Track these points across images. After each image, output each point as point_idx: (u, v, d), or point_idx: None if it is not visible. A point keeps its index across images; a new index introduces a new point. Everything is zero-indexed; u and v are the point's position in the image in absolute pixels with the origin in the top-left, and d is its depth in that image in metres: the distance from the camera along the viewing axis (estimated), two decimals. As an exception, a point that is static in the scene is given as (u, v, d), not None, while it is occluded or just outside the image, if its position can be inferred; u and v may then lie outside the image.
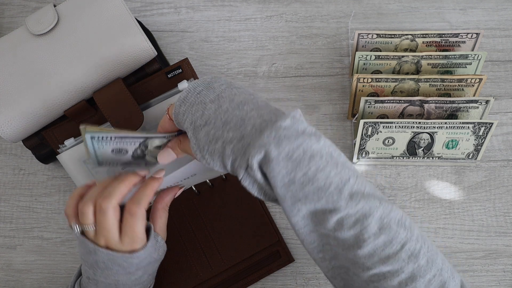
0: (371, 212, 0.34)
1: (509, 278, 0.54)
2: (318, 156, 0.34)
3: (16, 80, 0.48)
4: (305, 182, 0.33)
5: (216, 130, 0.35)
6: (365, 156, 0.55)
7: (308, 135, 0.34)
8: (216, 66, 0.61)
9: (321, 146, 0.34)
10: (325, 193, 0.33)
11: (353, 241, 0.34)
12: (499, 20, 0.61)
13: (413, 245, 0.35)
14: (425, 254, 0.35)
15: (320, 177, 0.33)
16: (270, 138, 0.33)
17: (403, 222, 0.35)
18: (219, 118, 0.35)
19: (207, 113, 0.35)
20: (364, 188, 0.35)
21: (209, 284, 0.53)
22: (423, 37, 0.55)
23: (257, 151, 0.33)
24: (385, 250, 0.34)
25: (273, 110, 0.36)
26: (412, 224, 0.36)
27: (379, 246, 0.34)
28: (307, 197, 0.34)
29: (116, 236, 0.39)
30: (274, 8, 0.62)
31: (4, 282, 0.55)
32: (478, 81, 0.53)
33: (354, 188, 0.34)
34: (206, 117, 0.35)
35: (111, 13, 0.49)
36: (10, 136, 0.50)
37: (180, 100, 0.37)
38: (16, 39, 0.50)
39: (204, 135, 0.35)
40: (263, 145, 0.33)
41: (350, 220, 0.34)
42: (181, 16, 0.62)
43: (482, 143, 0.53)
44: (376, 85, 0.54)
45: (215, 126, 0.35)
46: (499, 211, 0.56)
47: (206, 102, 0.36)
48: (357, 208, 0.34)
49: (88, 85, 0.49)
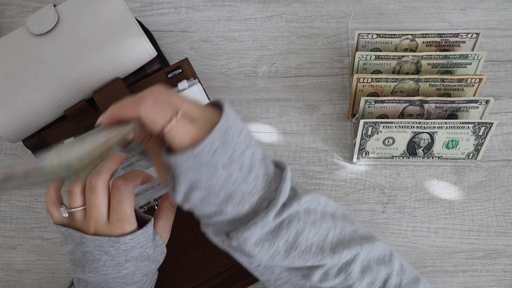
0: (353, 258, 0.37)
1: (509, 278, 0.54)
2: (296, 219, 0.35)
3: (16, 80, 0.48)
4: (288, 249, 0.35)
5: (214, 199, 0.34)
6: (365, 156, 0.55)
7: (290, 201, 0.35)
8: (216, 66, 0.61)
9: (298, 208, 0.36)
10: (310, 255, 0.36)
11: (340, 287, 0.37)
12: (499, 20, 0.61)
13: (394, 280, 0.38)
14: (406, 286, 0.38)
15: (301, 241, 0.35)
16: (258, 226, 0.34)
17: (383, 258, 0.39)
18: (224, 190, 0.33)
19: (214, 180, 0.32)
20: (344, 235, 0.38)
21: (209, 284, 0.53)
22: (423, 37, 0.55)
23: (243, 238, 0.34)
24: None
25: (266, 178, 0.36)
26: (393, 255, 0.40)
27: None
28: (293, 263, 0.36)
29: (105, 216, 0.37)
30: (274, 8, 0.62)
31: (4, 282, 0.55)
32: (478, 81, 0.53)
33: (335, 239, 0.37)
34: (210, 183, 0.33)
35: (111, 13, 0.49)
36: (10, 136, 0.50)
37: (190, 155, 0.31)
38: (16, 39, 0.50)
39: (199, 197, 0.34)
40: (252, 236, 0.34)
41: (334, 270, 0.36)
42: (181, 16, 0.62)
43: (482, 143, 0.53)
44: (376, 85, 0.54)
45: (218, 197, 0.33)
46: (499, 211, 0.56)
47: (218, 166, 0.32)
48: (340, 258, 0.36)
49: (88, 85, 0.49)
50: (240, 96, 0.60)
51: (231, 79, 0.60)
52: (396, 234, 0.56)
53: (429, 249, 0.55)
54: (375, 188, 0.57)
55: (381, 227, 0.56)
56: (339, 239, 0.37)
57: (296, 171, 0.57)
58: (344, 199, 0.56)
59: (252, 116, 0.59)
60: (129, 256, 0.38)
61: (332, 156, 0.58)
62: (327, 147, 0.58)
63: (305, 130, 0.58)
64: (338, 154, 0.58)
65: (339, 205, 0.41)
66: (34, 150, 0.53)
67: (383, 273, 0.38)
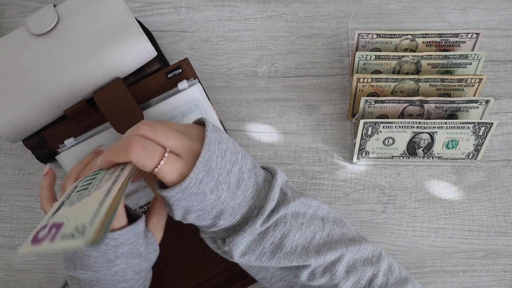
0: (338, 258, 0.39)
1: (509, 278, 0.54)
2: (282, 223, 0.38)
3: (16, 80, 0.48)
4: (274, 250, 0.38)
5: (208, 216, 0.37)
6: (365, 156, 0.55)
7: (278, 207, 0.38)
8: (216, 66, 0.61)
9: (285, 212, 0.39)
10: (295, 256, 0.39)
11: (328, 286, 0.40)
12: (499, 20, 0.61)
13: (379, 280, 0.40)
14: (393, 285, 0.40)
15: (286, 243, 0.38)
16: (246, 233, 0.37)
17: (370, 259, 0.41)
18: (216, 208, 0.37)
19: (205, 203, 0.36)
20: (331, 237, 0.40)
21: (209, 284, 0.53)
22: (423, 37, 0.55)
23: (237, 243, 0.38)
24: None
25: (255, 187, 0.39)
26: (381, 256, 0.42)
27: (350, 287, 0.40)
28: (279, 263, 0.39)
29: None
30: (274, 8, 0.62)
31: (4, 282, 0.56)
32: (478, 81, 0.53)
33: (321, 241, 0.39)
34: (202, 206, 0.36)
35: (111, 13, 0.49)
36: (10, 136, 0.50)
37: (178, 190, 0.34)
38: (16, 39, 0.50)
39: (194, 217, 0.37)
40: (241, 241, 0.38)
41: (320, 270, 0.39)
42: (181, 16, 0.62)
43: (482, 143, 0.53)
44: (376, 85, 0.54)
45: (211, 214, 0.37)
46: (499, 211, 0.56)
47: (206, 193, 0.35)
48: (325, 259, 0.39)
49: (88, 85, 0.49)
50: (240, 96, 0.60)
51: (231, 79, 0.60)
52: (396, 234, 0.56)
53: (429, 249, 0.55)
54: (375, 188, 0.57)
55: (381, 227, 0.56)
56: (326, 241, 0.40)
57: (296, 171, 0.57)
58: (344, 199, 0.56)
59: (252, 116, 0.59)
60: (119, 252, 0.38)
61: (332, 156, 0.58)
62: (327, 147, 0.58)
63: (305, 130, 0.58)
64: (338, 154, 0.58)
65: (333, 209, 0.43)
66: (34, 150, 0.53)
67: (369, 273, 0.40)
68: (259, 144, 0.58)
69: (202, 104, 0.49)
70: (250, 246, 0.38)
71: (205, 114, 0.50)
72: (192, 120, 0.47)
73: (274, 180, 0.39)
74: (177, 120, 0.49)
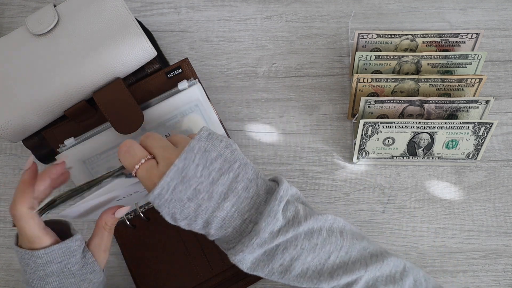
0: (356, 280, 0.36)
1: (509, 278, 0.54)
2: (292, 246, 0.36)
3: (16, 80, 0.48)
4: (283, 271, 0.36)
5: (195, 224, 0.37)
6: (365, 156, 0.55)
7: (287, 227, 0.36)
8: (216, 66, 0.61)
9: (295, 233, 0.36)
10: (305, 279, 0.36)
11: None
12: (499, 20, 0.61)
13: None
14: None
15: (296, 266, 0.36)
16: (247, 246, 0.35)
17: (393, 276, 0.38)
18: (200, 217, 0.36)
19: (186, 211, 0.36)
20: (350, 256, 0.37)
21: (209, 284, 0.53)
22: (423, 37, 0.55)
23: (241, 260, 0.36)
24: None
25: (254, 200, 0.37)
26: (405, 271, 0.38)
27: None
28: (289, 283, 0.37)
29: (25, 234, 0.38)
30: (274, 8, 0.62)
31: (4, 282, 0.55)
32: (478, 81, 0.53)
33: (337, 262, 0.37)
34: (185, 214, 0.36)
35: (111, 13, 0.49)
36: (10, 136, 0.50)
37: (153, 196, 0.35)
38: (16, 39, 0.50)
39: (185, 224, 0.37)
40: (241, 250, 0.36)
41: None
42: (181, 16, 0.62)
43: (482, 143, 0.53)
44: (376, 85, 0.54)
45: (197, 223, 0.37)
46: (499, 211, 0.56)
47: (183, 200, 0.35)
48: (340, 282, 0.36)
49: (88, 85, 0.49)
50: (240, 96, 0.60)
51: (231, 79, 0.60)
52: (396, 234, 0.56)
53: (429, 249, 0.55)
54: (375, 188, 0.57)
55: (381, 227, 0.56)
56: (343, 261, 0.37)
57: (296, 171, 0.57)
58: (344, 199, 0.57)
59: (252, 116, 0.59)
60: (48, 270, 0.38)
61: (332, 156, 0.58)
62: (327, 147, 0.58)
63: (305, 130, 0.58)
64: (338, 154, 0.58)
65: (348, 222, 0.40)
66: (34, 150, 0.53)
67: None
68: (259, 144, 0.58)
69: (202, 104, 0.49)
70: (258, 266, 0.37)
71: (205, 114, 0.50)
72: (191, 120, 0.47)
73: (275, 193, 0.36)
74: (177, 120, 0.49)
